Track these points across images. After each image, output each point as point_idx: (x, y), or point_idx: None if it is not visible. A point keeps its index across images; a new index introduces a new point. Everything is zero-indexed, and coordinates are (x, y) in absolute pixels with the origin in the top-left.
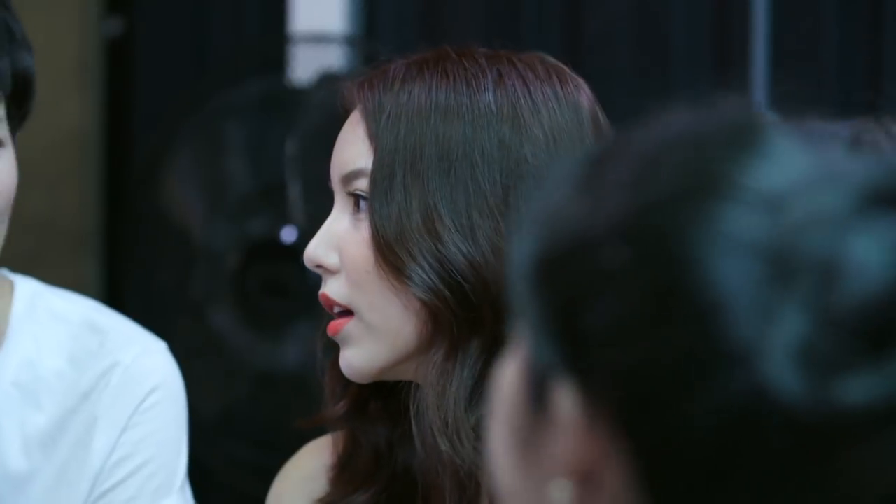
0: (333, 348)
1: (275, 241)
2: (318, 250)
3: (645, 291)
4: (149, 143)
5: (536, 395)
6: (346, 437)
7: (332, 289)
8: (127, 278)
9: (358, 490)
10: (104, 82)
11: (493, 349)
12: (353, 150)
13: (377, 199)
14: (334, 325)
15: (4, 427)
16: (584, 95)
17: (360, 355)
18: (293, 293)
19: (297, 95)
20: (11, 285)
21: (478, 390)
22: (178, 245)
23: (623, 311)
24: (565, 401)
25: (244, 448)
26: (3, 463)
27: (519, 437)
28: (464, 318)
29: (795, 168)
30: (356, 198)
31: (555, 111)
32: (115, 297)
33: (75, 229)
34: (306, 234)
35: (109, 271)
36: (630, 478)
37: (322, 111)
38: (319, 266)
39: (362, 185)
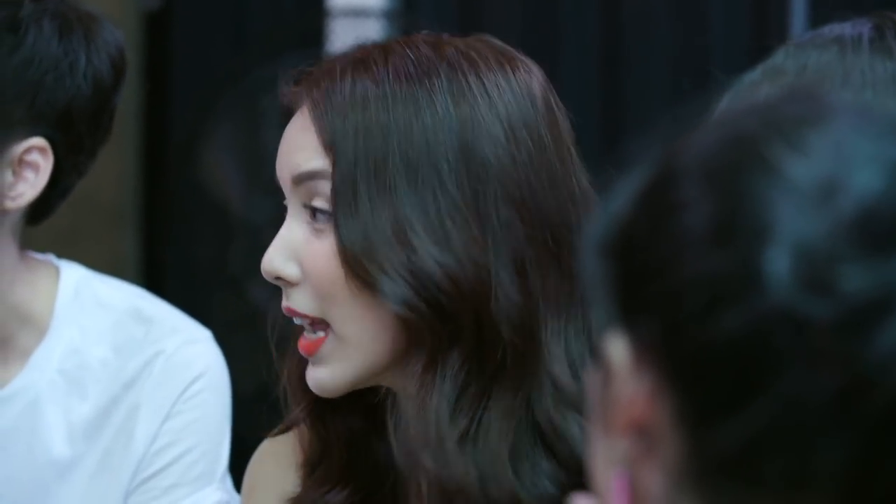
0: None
1: None
2: (275, 262)
3: (702, 220)
4: (187, 117)
5: (599, 356)
6: (312, 436)
7: (299, 302)
8: (165, 252)
9: (333, 489)
10: (142, 57)
11: (475, 359)
12: (304, 154)
13: (342, 214)
14: (309, 345)
15: (49, 415)
16: (535, 81)
17: (330, 374)
18: None
19: None
20: (57, 272)
21: (461, 403)
22: (217, 219)
23: (678, 241)
24: (618, 350)
25: (282, 421)
26: (48, 450)
27: (598, 408)
28: (442, 329)
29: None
30: (313, 209)
31: (511, 103)
32: (154, 271)
33: (114, 204)
34: None
35: (148, 246)
36: (672, 416)
37: None
38: (279, 278)
39: (321, 190)
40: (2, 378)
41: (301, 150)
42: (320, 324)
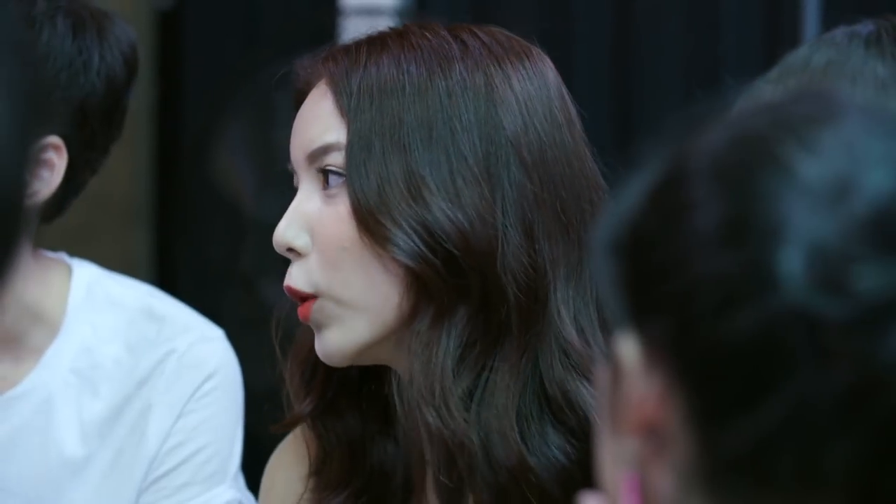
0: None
1: None
2: (288, 232)
3: (713, 220)
4: (199, 115)
5: (609, 354)
6: (317, 442)
7: (298, 276)
8: (178, 250)
9: (333, 492)
10: (155, 55)
11: (480, 317)
12: (319, 126)
13: (355, 171)
14: (302, 310)
15: (62, 413)
16: (549, 69)
17: (338, 335)
18: None
19: None
20: (69, 270)
21: (465, 360)
22: (229, 217)
23: (689, 240)
24: (628, 349)
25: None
26: (61, 449)
27: (607, 407)
28: (452, 284)
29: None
30: (325, 174)
31: (524, 79)
32: (166, 269)
33: (126, 202)
34: None
35: (160, 243)
36: (683, 416)
37: None
38: (290, 249)
39: (334, 160)
40: (15, 376)
41: (315, 122)
42: (310, 298)
